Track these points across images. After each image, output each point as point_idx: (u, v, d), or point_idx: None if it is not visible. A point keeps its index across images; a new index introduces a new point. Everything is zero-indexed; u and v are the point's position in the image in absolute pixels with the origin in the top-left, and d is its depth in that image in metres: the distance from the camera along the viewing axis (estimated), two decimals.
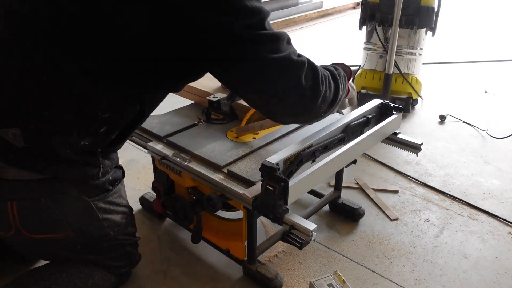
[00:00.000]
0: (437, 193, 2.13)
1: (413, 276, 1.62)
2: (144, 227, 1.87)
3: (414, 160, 2.40)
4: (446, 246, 1.77)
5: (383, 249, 1.75)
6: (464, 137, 2.68)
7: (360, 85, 3.10)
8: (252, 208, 1.28)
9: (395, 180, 2.23)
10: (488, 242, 1.80)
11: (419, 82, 3.00)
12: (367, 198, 2.07)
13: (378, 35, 2.91)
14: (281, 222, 1.25)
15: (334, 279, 1.46)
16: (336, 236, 1.82)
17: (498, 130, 2.73)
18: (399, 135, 1.69)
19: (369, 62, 3.10)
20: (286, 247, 1.74)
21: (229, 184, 1.34)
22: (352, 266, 1.66)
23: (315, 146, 1.41)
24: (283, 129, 1.65)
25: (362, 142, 1.48)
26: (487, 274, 1.64)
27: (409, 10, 2.73)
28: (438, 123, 2.88)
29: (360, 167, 2.32)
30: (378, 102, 1.68)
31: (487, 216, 1.96)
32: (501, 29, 5.63)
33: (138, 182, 2.18)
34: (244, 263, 1.57)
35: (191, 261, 1.68)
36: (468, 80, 3.70)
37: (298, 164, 1.36)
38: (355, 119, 1.57)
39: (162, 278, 1.61)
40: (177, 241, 1.79)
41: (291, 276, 1.61)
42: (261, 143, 1.55)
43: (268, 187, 1.20)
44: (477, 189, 2.16)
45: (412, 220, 1.92)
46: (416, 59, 3.00)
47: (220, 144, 1.53)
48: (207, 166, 1.44)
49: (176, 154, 1.49)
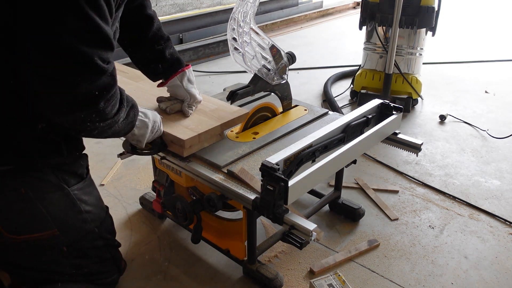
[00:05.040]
0: (437, 193, 2.13)
1: (413, 276, 1.62)
2: (144, 227, 1.87)
3: (414, 160, 2.40)
4: (446, 246, 1.77)
5: (383, 249, 1.75)
6: (464, 137, 2.68)
7: (360, 85, 3.10)
8: (252, 208, 1.28)
9: (395, 180, 2.23)
10: (488, 242, 1.80)
11: (419, 82, 3.00)
12: (367, 198, 2.07)
13: (378, 35, 2.91)
14: (281, 222, 1.25)
15: (334, 279, 1.46)
16: (336, 236, 1.82)
17: (498, 130, 2.73)
18: (399, 135, 1.69)
19: (369, 62, 3.10)
20: (286, 247, 1.74)
21: (229, 184, 1.34)
22: (352, 266, 1.66)
23: (315, 146, 1.41)
24: (283, 129, 1.65)
25: (362, 142, 1.48)
26: (487, 274, 1.64)
27: (409, 10, 2.73)
28: (438, 123, 2.88)
29: (360, 167, 2.32)
30: (378, 102, 1.68)
31: (487, 216, 1.96)
32: (501, 29, 5.63)
33: (138, 182, 2.18)
34: (244, 263, 1.57)
35: (191, 261, 1.68)
36: (468, 80, 3.70)
37: (298, 164, 1.36)
38: (355, 119, 1.57)
39: (162, 278, 1.61)
40: (177, 241, 1.79)
41: (291, 276, 1.61)
42: (261, 143, 1.55)
43: (268, 187, 1.20)
44: (477, 189, 2.16)
45: (412, 220, 1.92)
46: (416, 59, 3.00)
47: (220, 144, 1.53)
48: (207, 166, 1.44)
49: (176, 154, 1.49)
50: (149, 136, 1.37)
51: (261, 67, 1.57)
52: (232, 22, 1.47)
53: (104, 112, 1.11)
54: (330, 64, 4.09)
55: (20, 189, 1.20)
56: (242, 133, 1.61)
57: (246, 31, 1.46)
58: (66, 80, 1.02)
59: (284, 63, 1.62)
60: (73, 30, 0.98)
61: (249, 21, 1.45)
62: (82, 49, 1.00)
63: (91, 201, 1.36)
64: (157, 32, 1.52)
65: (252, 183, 1.32)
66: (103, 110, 1.10)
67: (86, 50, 1.00)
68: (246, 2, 1.43)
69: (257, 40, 1.51)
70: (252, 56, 1.53)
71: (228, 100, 1.61)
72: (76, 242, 1.31)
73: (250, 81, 1.60)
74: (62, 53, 0.99)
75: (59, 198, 1.26)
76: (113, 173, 2.25)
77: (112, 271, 1.45)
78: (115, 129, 1.21)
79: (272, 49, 1.55)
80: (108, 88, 1.09)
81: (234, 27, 1.48)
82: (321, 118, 1.76)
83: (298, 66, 3.97)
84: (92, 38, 1.02)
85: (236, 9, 1.46)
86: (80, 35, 0.99)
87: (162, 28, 1.54)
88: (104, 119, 1.13)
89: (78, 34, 0.99)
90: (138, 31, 1.49)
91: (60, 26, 0.96)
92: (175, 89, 1.57)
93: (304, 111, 1.79)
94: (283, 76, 1.65)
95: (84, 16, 0.98)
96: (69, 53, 0.99)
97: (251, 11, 1.44)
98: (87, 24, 0.99)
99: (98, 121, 1.12)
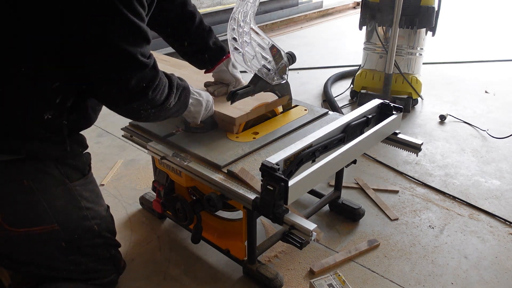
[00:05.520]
0: (437, 193, 2.13)
1: (413, 276, 1.62)
2: (144, 227, 1.87)
3: (414, 160, 2.40)
4: (446, 246, 1.77)
5: (383, 249, 1.75)
6: (464, 137, 2.68)
7: (360, 85, 3.10)
8: (252, 208, 1.28)
9: (395, 180, 2.23)
10: (488, 242, 1.80)
11: (419, 82, 3.00)
12: (367, 198, 2.07)
13: (378, 35, 2.91)
14: (281, 222, 1.25)
15: (334, 279, 1.46)
16: (336, 236, 1.82)
17: (498, 130, 2.73)
18: (399, 135, 1.69)
19: (369, 62, 3.10)
20: (286, 247, 1.74)
21: (229, 184, 1.34)
22: (352, 266, 1.66)
23: (315, 146, 1.41)
24: (283, 129, 1.65)
25: (362, 142, 1.48)
26: (487, 274, 1.64)
27: (409, 10, 2.73)
28: (438, 123, 2.88)
29: (360, 167, 2.32)
30: (378, 102, 1.68)
31: (487, 216, 1.96)
32: (501, 29, 5.63)
33: (138, 182, 2.18)
34: (244, 263, 1.57)
35: (191, 261, 1.68)
36: (468, 80, 3.70)
37: (298, 164, 1.36)
38: (355, 119, 1.57)
39: (162, 278, 1.61)
40: (177, 241, 1.79)
41: (291, 276, 1.61)
42: (261, 143, 1.55)
43: (268, 187, 1.20)
44: (477, 189, 2.16)
45: (412, 220, 1.92)
46: (416, 59, 3.00)
47: (220, 144, 1.53)
48: (207, 166, 1.44)
49: (176, 154, 1.49)
50: (203, 113, 1.52)
51: (261, 67, 1.57)
52: (232, 22, 1.47)
53: (154, 100, 1.24)
54: (330, 64, 4.09)
55: (23, 180, 1.21)
56: (242, 133, 1.61)
57: (246, 31, 1.46)
58: (120, 78, 1.15)
59: (284, 63, 1.62)
60: (120, 34, 1.11)
61: (249, 21, 1.45)
62: (128, 50, 1.13)
63: (92, 198, 1.37)
64: (200, 25, 1.64)
65: (252, 183, 1.32)
66: (152, 99, 1.23)
67: (131, 50, 1.13)
68: (246, 2, 1.43)
69: (257, 40, 1.51)
70: (252, 56, 1.53)
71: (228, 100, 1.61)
72: (75, 239, 1.32)
73: (250, 81, 1.60)
74: (113, 55, 1.12)
75: (60, 192, 1.27)
76: (113, 173, 2.25)
77: (111, 271, 1.45)
78: (169, 112, 1.35)
79: (272, 49, 1.55)
80: (153, 79, 1.21)
81: (234, 27, 1.48)
82: (321, 118, 1.76)
83: (298, 66, 3.97)
84: (135, 39, 1.15)
85: (236, 9, 1.46)
86: (126, 38, 1.12)
87: (203, 20, 1.67)
88: (155, 106, 1.26)
89: (124, 38, 1.12)
90: (182, 27, 1.63)
91: (110, 32, 1.10)
92: (221, 74, 1.72)
93: (304, 111, 1.79)
94: (283, 76, 1.65)
95: (128, 21, 1.11)
96: (119, 54, 1.12)
97: (251, 11, 1.44)
98: (130, 28, 1.12)
99: (149, 108, 1.25)
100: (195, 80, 1.81)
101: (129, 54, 1.13)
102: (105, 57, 1.12)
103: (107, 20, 1.08)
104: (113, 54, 1.12)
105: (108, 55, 1.12)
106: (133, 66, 1.16)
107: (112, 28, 1.09)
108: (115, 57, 1.12)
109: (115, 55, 1.12)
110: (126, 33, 1.12)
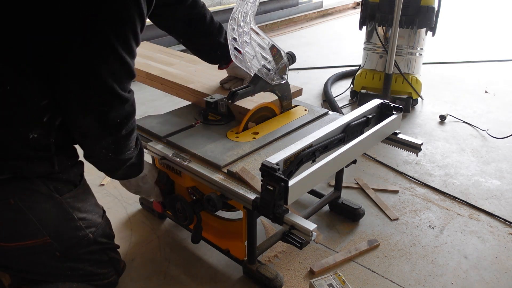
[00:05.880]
0: (437, 193, 2.13)
1: (413, 276, 1.62)
2: (144, 227, 1.87)
3: (414, 160, 2.40)
4: (446, 246, 1.77)
5: (383, 249, 1.75)
6: (464, 137, 2.68)
7: (360, 85, 3.10)
8: (252, 208, 1.28)
9: (395, 180, 2.23)
10: (488, 242, 1.80)
11: (419, 82, 3.00)
12: (367, 198, 2.07)
13: (378, 35, 2.91)
14: (281, 222, 1.25)
15: (334, 279, 1.46)
16: (336, 236, 1.82)
17: (498, 130, 2.73)
18: (399, 135, 1.69)
19: (369, 62, 3.10)
20: (286, 247, 1.74)
21: (229, 184, 1.34)
22: (352, 266, 1.66)
23: (315, 146, 1.41)
24: (283, 129, 1.65)
25: (362, 142, 1.48)
26: (487, 274, 1.64)
27: (409, 10, 2.73)
28: (438, 123, 2.88)
29: (360, 167, 2.32)
30: (378, 102, 1.68)
31: (487, 216, 1.96)
32: (501, 29, 5.63)
33: None
34: (244, 263, 1.57)
35: (191, 261, 1.68)
36: (468, 80, 3.70)
37: (298, 164, 1.36)
38: (355, 119, 1.57)
39: (162, 278, 1.61)
40: (177, 241, 1.79)
41: (291, 276, 1.61)
42: (261, 143, 1.55)
43: (268, 187, 1.20)
44: (477, 189, 2.16)
45: (412, 220, 1.92)
46: (416, 59, 3.00)
47: (220, 144, 1.53)
48: (207, 166, 1.44)
49: (176, 154, 1.49)
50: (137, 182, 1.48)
51: (261, 67, 1.57)
52: (232, 22, 1.47)
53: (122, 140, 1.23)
54: (330, 64, 4.09)
55: (9, 199, 1.17)
56: (242, 133, 1.61)
57: (246, 31, 1.46)
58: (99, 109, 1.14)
59: (284, 63, 1.62)
60: (110, 71, 1.12)
61: (249, 21, 1.45)
62: (113, 85, 1.13)
63: (85, 208, 1.33)
64: (210, 24, 1.67)
65: (253, 182, 1.32)
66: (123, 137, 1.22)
67: (116, 85, 1.14)
68: (246, 2, 1.43)
69: (257, 40, 1.51)
70: (252, 56, 1.53)
71: (228, 100, 1.61)
72: (70, 249, 1.29)
73: (250, 81, 1.60)
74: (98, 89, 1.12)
75: (50, 207, 1.23)
76: None
77: (110, 273, 1.44)
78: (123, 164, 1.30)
79: (272, 49, 1.55)
80: (128, 116, 1.21)
81: (234, 27, 1.48)
82: (321, 118, 1.76)
83: (298, 66, 3.97)
84: (123, 76, 1.16)
85: (236, 9, 1.46)
86: (114, 74, 1.13)
87: (213, 18, 1.69)
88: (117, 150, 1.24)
89: (113, 74, 1.13)
90: (193, 28, 1.65)
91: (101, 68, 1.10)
92: (236, 69, 1.77)
93: (304, 111, 1.79)
94: (283, 76, 1.65)
95: (120, 59, 1.12)
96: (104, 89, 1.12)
97: (251, 11, 1.44)
98: (121, 65, 1.13)
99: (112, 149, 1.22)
100: (210, 75, 1.92)
101: (113, 89, 1.13)
102: (90, 89, 1.12)
103: (101, 55, 1.09)
104: (98, 88, 1.12)
105: (93, 88, 1.11)
106: (116, 101, 1.16)
107: (104, 66, 1.10)
108: (99, 90, 1.12)
109: (100, 89, 1.12)
110: (116, 70, 1.12)
